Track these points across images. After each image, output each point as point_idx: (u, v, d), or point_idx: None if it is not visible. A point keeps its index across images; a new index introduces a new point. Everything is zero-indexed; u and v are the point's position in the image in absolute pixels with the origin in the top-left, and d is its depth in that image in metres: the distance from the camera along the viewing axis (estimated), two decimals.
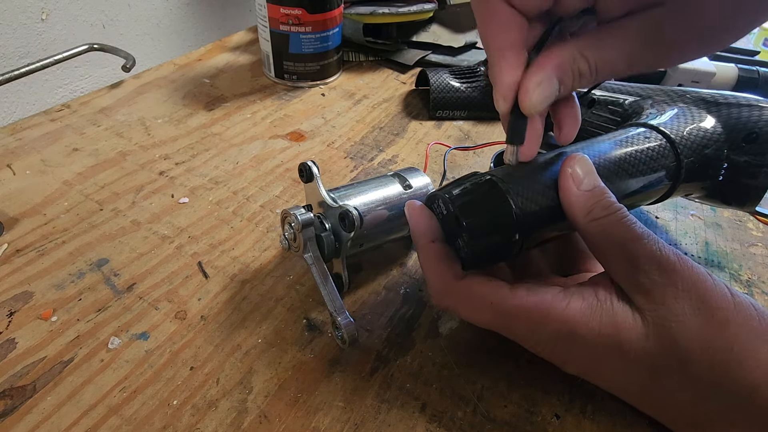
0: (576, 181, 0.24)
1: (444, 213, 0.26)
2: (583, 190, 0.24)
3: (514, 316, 0.25)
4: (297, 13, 0.50)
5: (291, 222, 0.30)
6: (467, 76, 0.53)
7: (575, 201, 0.24)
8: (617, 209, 0.24)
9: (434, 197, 0.26)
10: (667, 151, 0.30)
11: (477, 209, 0.24)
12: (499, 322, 0.25)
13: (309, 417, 0.26)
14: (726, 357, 0.22)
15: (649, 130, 0.31)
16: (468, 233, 0.24)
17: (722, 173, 0.32)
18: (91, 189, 0.39)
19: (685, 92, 0.34)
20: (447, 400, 0.27)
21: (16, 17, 0.56)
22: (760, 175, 0.31)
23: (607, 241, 0.24)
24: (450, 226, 0.25)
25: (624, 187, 0.28)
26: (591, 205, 0.24)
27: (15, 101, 0.59)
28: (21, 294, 0.31)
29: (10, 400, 0.25)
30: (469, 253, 0.25)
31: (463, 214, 0.24)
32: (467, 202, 0.25)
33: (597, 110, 0.40)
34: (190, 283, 0.32)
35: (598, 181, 0.25)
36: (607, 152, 0.29)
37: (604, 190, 0.24)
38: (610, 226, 0.24)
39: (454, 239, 0.25)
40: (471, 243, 0.24)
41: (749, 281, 0.36)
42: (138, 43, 0.71)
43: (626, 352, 0.23)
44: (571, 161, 0.25)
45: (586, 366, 0.25)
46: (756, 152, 0.31)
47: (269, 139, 0.47)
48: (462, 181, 0.26)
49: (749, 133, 0.31)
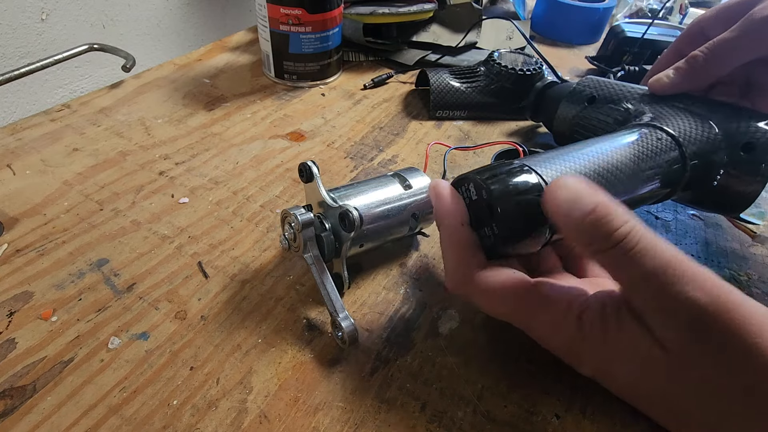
0: (563, 214, 0.22)
1: (473, 198, 0.25)
2: (577, 224, 0.21)
3: (534, 312, 0.24)
4: (297, 13, 0.50)
5: (291, 222, 0.30)
6: (467, 76, 0.52)
7: (572, 236, 0.22)
8: (620, 239, 0.20)
9: (465, 180, 0.26)
10: (674, 152, 0.31)
11: (512, 199, 0.24)
12: (520, 315, 0.25)
13: (309, 417, 0.26)
14: (763, 404, 0.20)
15: (656, 130, 0.31)
16: (500, 222, 0.24)
17: (717, 179, 0.32)
18: (91, 189, 0.39)
19: (688, 96, 0.35)
20: (447, 400, 0.27)
21: (16, 17, 0.56)
22: (753, 183, 0.32)
23: (616, 276, 0.22)
24: (478, 212, 0.25)
25: (631, 186, 0.28)
26: (589, 239, 0.21)
27: (15, 101, 0.59)
28: (21, 294, 0.31)
29: (10, 400, 0.25)
30: (497, 243, 0.24)
31: (499, 202, 0.23)
32: (503, 190, 0.24)
33: (597, 108, 0.40)
34: (190, 283, 0.32)
35: (589, 205, 0.21)
36: (617, 149, 0.29)
37: (601, 215, 0.21)
38: (615, 260, 0.21)
39: (480, 226, 0.25)
40: (502, 232, 0.24)
41: (749, 281, 0.36)
42: (138, 43, 0.71)
43: (643, 366, 0.22)
44: (551, 194, 0.22)
45: (601, 369, 0.24)
46: (752, 161, 0.31)
47: (269, 139, 0.47)
48: (497, 168, 0.25)
49: (748, 143, 0.32)
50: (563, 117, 0.43)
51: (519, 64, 0.51)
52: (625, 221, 0.21)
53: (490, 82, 0.51)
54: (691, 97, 0.35)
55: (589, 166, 0.27)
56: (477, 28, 0.65)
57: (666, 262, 0.20)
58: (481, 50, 0.65)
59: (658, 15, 0.79)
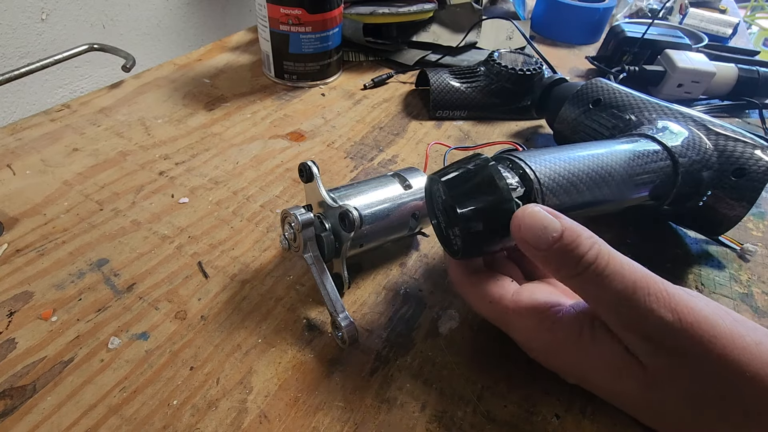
0: (532, 243, 0.22)
1: (443, 197, 0.26)
2: (544, 250, 0.22)
3: (510, 317, 0.25)
4: (297, 13, 0.50)
5: (291, 222, 0.30)
6: (467, 76, 0.52)
7: (542, 263, 0.22)
8: (589, 263, 0.21)
9: (434, 180, 0.26)
10: (667, 164, 0.31)
11: (470, 202, 0.24)
12: (498, 321, 0.26)
13: (309, 417, 0.26)
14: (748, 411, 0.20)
15: (652, 141, 0.32)
16: (460, 224, 0.24)
17: (704, 199, 0.33)
18: (91, 189, 0.39)
19: (690, 115, 0.36)
20: (447, 400, 0.27)
21: (16, 17, 0.56)
22: (737, 208, 0.33)
23: (587, 298, 0.23)
24: (447, 212, 0.25)
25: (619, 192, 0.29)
26: (558, 264, 0.22)
27: (15, 101, 0.59)
28: (21, 294, 0.31)
29: (10, 400, 0.25)
30: (464, 242, 0.24)
31: (458, 205, 0.23)
32: (461, 192, 0.24)
33: (599, 111, 0.40)
34: (190, 283, 0.32)
35: (556, 232, 0.21)
36: (611, 154, 0.29)
37: (569, 241, 0.21)
38: (584, 284, 0.22)
39: (450, 225, 0.26)
40: (462, 233, 0.24)
41: (749, 281, 0.36)
42: (138, 43, 0.71)
43: (619, 383, 0.23)
44: (517, 224, 0.22)
45: (580, 379, 0.25)
46: (740, 187, 0.32)
47: (269, 139, 0.47)
48: (460, 167, 0.25)
49: (739, 168, 0.32)
50: (565, 117, 0.43)
51: (519, 64, 0.51)
52: (592, 244, 0.21)
53: (490, 82, 0.51)
54: (695, 115, 0.35)
55: (580, 165, 0.27)
56: (477, 28, 0.65)
57: (633, 282, 0.21)
58: (481, 50, 0.65)
59: (658, 15, 0.79)
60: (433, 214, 0.28)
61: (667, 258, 0.37)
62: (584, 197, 0.27)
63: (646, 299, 0.20)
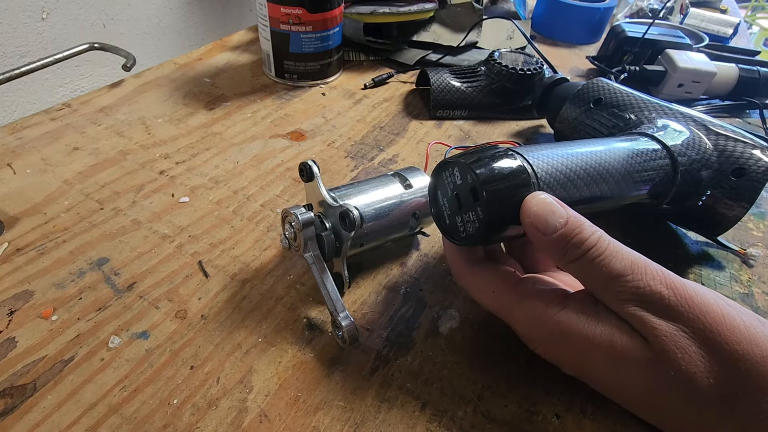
0: (541, 228, 0.23)
1: (458, 182, 0.25)
2: (551, 235, 0.23)
3: (513, 308, 0.26)
4: (297, 12, 0.50)
5: (291, 221, 0.30)
6: (467, 76, 0.52)
7: (547, 248, 0.24)
8: (590, 246, 0.23)
9: (449, 164, 0.26)
10: (666, 162, 0.31)
11: (497, 183, 0.24)
12: (501, 311, 0.26)
13: (309, 416, 0.26)
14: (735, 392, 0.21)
15: (652, 140, 0.32)
16: (485, 206, 0.24)
17: (703, 199, 0.33)
18: (91, 188, 0.39)
19: (690, 115, 0.36)
20: (447, 399, 0.27)
21: (17, 16, 0.56)
22: (736, 208, 0.33)
23: (589, 281, 0.24)
24: (462, 197, 0.25)
25: (618, 189, 0.29)
26: (563, 249, 0.23)
27: (15, 100, 0.59)
28: (21, 293, 0.31)
29: (10, 399, 0.25)
30: (482, 227, 0.24)
31: (485, 186, 0.23)
32: (488, 174, 0.24)
33: (600, 111, 0.40)
34: (191, 282, 0.32)
35: (562, 218, 0.23)
36: (610, 151, 0.29)
37: (574, 227, 0.23)
38: (587, 266, 0.23)
39: (465, 210, 0.25)
40: (487, 216, 0.24)
41: (749, 281, 0.36)
42: (138, 42, 0.71)
43: (621, 367, 0.23)
44: (527, 209, 0.24)
45: (580, 370, 0.25)
46: (740, 187, 0.32)
47: (270, 139, 0.47)
48: (482, 152, 0.25)
49: (739, 168, 0.32)
50: (566, 116, 0.43)
51: (519, 64, 0.51)
52: (594, 231, 0.23)
53: (491, 82, 0.51)
54: (695, 115, 0.35)
55: (578, 161, 0.27)
56: (478, 27, 0.65)
57: (631, 262, 0.23)
58: (482, 50, 0.65)
59: (659, 15, 0.79)
60: (436, 203, 0.27)
61: (667, 258, 0.37)
62: (581, 193, 0.27)
63: (644, 276, 0.22)
